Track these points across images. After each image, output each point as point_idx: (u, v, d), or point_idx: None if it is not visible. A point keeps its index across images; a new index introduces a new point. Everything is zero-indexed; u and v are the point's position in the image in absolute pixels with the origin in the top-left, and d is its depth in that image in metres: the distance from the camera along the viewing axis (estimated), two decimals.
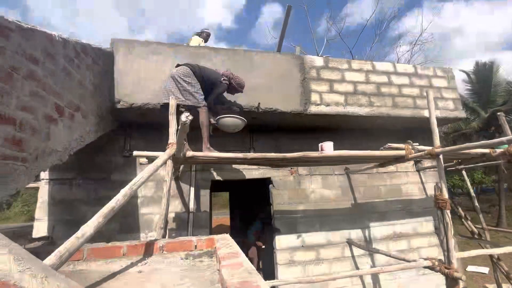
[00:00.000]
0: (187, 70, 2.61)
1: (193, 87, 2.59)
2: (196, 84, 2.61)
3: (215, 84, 2.73)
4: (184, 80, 2.57)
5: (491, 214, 13.31)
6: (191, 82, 2.59)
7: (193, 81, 2.60)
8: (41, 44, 1.62)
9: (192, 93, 2.58)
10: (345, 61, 3.60)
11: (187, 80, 2.57)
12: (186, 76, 2.58)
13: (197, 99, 2.59)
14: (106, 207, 1.13)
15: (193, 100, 2.58)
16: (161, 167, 1.81)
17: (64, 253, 0.85)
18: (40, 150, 1.60)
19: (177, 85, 2.57)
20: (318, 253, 3.41)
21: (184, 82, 2.56)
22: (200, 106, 2.60)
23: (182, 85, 2.56)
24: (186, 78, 2.58)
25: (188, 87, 2.57)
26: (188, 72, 2.61)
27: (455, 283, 2.09)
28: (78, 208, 2.91)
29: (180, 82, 2.56)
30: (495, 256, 3.55)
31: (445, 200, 2.21)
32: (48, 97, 1.69)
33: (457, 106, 3.89)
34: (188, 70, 2.62)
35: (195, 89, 2.60)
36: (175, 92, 2.54)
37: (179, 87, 2.56)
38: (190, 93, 2.57)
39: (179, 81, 2.56)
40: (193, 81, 2.60)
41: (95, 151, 3.02)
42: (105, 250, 1.31)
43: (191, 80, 2.59)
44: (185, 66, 2.66)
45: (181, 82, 2.56)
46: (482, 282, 6.66)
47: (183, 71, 2.60)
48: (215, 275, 1.08)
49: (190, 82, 2.58)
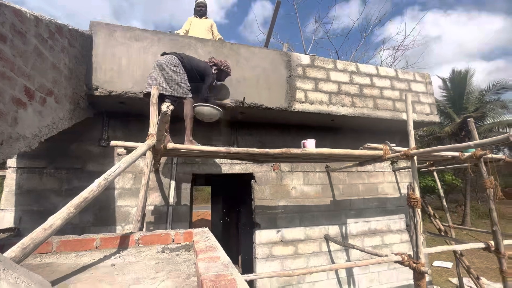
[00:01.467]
0: (174, 59, 2.52)
1: (181, 77, 2.51)
2: (183, 75, 2.53)
3: (205, 73, 2.65)
4: (172, 69, 2.47)
5: (457, 213, 14.29)
6: (179, 71, 2.50)
7: (180, 71, 2.51)
8: (9, 20, 1.49)
9: (179, 83, 2.49)
10: (331, 61, 3.66)
11: (174, 69, 2.48)
12: (173, 65, 2.49)
13: (183, 90, 2.51)
14: (78, 197, 1.08)
15: (179, 91, 2.50)
16: (139, 158, 1.75)
17: (28, 245, 0.80)
18: (6, 135, 1.49)
19: (163, 74, 2.47)
20: (296, 248, 3.49)
21: (171, 71, 2.47)
22: (186, 98, 2.53)
23: (169, 74, 2.46)
24: (173, 68, 2.48)
25: (176, 76, 2.48)
26: (176, 61, 2.52)
27: (422, 277, 2.23)
28: (48, 199, 2.76)
29: (167, 70, 2.46)
30: (458, 252, 3.82)
31: (417, 199, 2.34)
32: (16, 79, 1.57)
33: (432, 111, 4.09)
34: (176, 59, 2.53)
35: (182, 79, 2.51)
36: (161, 81, 2.44)
37: (166, 76, 2.47)
38: (176, 83, 2.48)
39: (166, 70, 2.46)
40: (180, 71, 2.52)
41: (69, 139, 2.87)
42: (76, 243, 1.25)
43: (178, 69, 2.50)
44: (172, 55, 2.56)
45: (168, 71, 2.46)
46: (446, 276, 7.16)
47: (171, 60, 2.50)
48: (191, 268, 1.07)
49: (178, 72, 2.49)
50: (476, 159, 2.85)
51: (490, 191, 2.83)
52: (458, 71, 13.41)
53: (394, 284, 3.85)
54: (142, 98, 2.69)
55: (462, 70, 13.31)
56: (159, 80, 2.45)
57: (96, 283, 0.90)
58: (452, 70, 13.57)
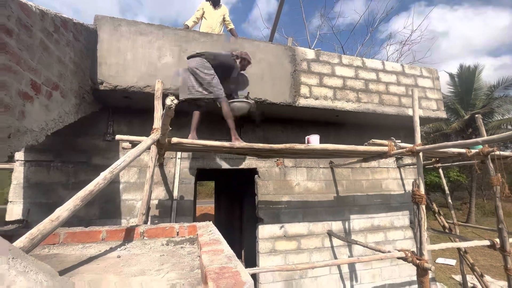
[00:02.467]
0: (204, 62, 2.57)
1: (214, 79, 2.57)
2: (215, 76, 2.59)
3: (230, 67, 2.70)
4: (204, 72, 2.53)
5: (462, 210, 14.18)
6: (211, 74, 2.57)
7: (212, 73, 2.58)
8: (15, 13, 1.50)
9: (214, 85, 2.55)
10: (336, 56, 3.61)
11: (207, 72, 2.54)
12: (206, 68, 2.55)
13: (218, 91, 2.57)
14: (84, 190, 1.09)
15: (216, 93, 2.55)
16: (144, 152, 1.77)
17: (36, 235, 0.81)
18: (13, 129, 1.51)
19: (197, 79, 2.53)
20: (299, 243, 3.50)
21: (204, 74, 2.53)
22: (221, 98, 2.57)
23: (203, 78, 2.52)
24: (206, 70, 2.54)
25: (209, 78, 2.54)
26: (207, 64, 2.58)
27: (425, 273, 2.22)
28: (55, 192, 2.81)
29: (200, 75, 2.52)
30: (463, 249, 3.80)
31: (422, 196, 2.32)
32: (23, 73, 1.58)
33: (439, 107, 4.03)
34: (206, 62, 2.58)
35: (215, 80, 2.58)
36: (196, 86, 2.52)
37: (200, 81, 2.53)
38: (211, 85, 2.54)
39: (200, 75, 2.52)
40: (212, 73, 2.58)
41: (75, 133, 2.90)
42: (83, 235, 1.28)
43: (210, 71, 2.57)
44: (200, 58, 2.59)
45: (201, 75, 2.52)
46: (449, 273, 7.15)
47: (201, 63, 2.56)
48: (195, 261, 1.08)
49: (210, 74, 2.56)
50: (484, 156, 2.81)
51: (497, 188, 2.79)
52: (466, 66, 13.17)
53: (396, 280, 3.85)
54: (147, 93, 2.70)
55: (471, 66, 13.07)
56: (195, 86, 2.52)
57: (103, 274, 0.92)
58: (460, 66, 13.34)
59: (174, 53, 2.88)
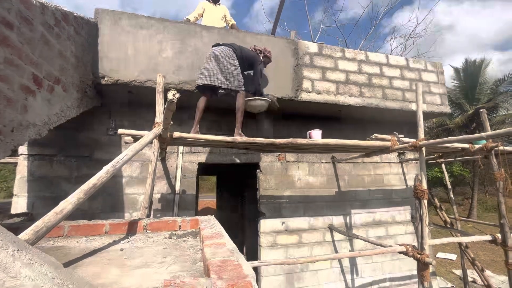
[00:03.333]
0: (230, 52, 2.55)
1: (237, 69, 2.55)
2: (238, 67, 2.57)
3: (254, 63, 2.68)
4: (228, 61, 2.51)
5: (464, 206, 14.16)
6: (235, 64, 2.54)
7: (236, 64, 2.56)
8: (16, 6, 1.49)
9: (236, 76, 2.53)
10: (339, 49, 3.57)
11: (230, 61, 2.52)
12: (230, 58, 2.52)
13: (238, 83, 2.55)
14: (87, 184, 1.10)
15: (235, 83, 2.53)
16: (146, 146, 1.77)
17: (41, 228, 0.82)
18: (16, 123, 1.52)
19: (219, 66, 2.50)
20: (300, 237, 3.53)
21: (228, 63, 2.50)
22: (239, 90, 2.56)
23: (226, 66, 2.50)
24: (231, 60, 2.52)
25: (232, 68, 2.52)
26: (232, 54, 2.56)
27: (426, 267, 2.23)
28: (59, 185, 2.84)
29: (224, 63, 2.49)
30: (464, 244, 3.81)
31: (424, 191, 2.31)
32: (24, 67, 1.58)
33: (443, 101, 3.98)
34: (232, 52, 2.56)
35: (238, 71, 2.56)
36: (217, 74, 2.48)
37: (222, 68, 2.50)
38: (233, 76, 2.52)
39: (223, 62, 2.49)
40: (236, 63, 2.56)
41: (77, 128, 2.91)
42: (86, 227, 1.29)
43: (234, 62, 2.54)
44: (227, 47, 2.58)
45: (225, 63, 2.49)
46: (449, 268, 7.19)
47: (227, 52, 2.53)
48: (198, 254, 1.09)
49: (234, 64, 2.53)
50: (487, 151, 2.78)
51: (500, 183, 2.78)
52: (472, 60, 12.94)
53: (397, 274, 3.88)
54: (148, 87, 2.69)
55: (477, 60, 12.85)
56: (216, 73, 2.48)
57: (107, 266, 0.93)
58: (466, 60, 13.11)
59: (175, 47, 2.85)
